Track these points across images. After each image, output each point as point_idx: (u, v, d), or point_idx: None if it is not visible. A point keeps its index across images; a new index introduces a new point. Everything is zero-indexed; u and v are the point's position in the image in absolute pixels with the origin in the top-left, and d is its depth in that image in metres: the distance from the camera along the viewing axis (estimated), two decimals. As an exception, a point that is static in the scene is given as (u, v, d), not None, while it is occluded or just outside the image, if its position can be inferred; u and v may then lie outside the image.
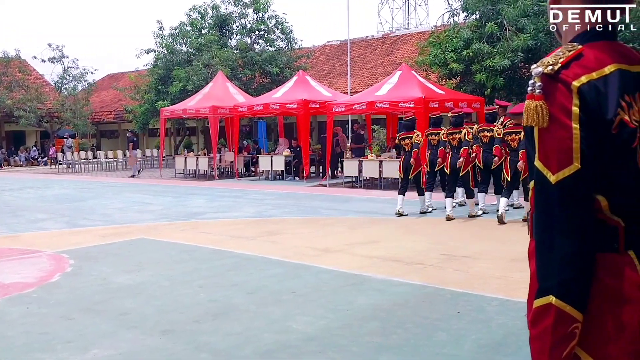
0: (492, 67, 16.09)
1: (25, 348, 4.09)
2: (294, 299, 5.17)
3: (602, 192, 1.38)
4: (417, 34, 27.68)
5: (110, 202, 13.04)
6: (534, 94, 1.37)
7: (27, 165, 31.70)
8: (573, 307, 1.33)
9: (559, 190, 1.34)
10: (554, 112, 1.35)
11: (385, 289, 5.42)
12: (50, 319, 4.72)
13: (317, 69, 28.23)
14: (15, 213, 11.50)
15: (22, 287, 5.80)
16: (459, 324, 4.39)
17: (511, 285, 5.35)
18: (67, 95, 31.85)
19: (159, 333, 4.35)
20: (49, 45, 38.31)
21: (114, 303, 5.16)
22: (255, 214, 9.56)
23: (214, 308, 4.94)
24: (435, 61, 17.48)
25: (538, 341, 1.37)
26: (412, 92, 14.73)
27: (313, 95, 17.62)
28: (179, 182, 18.66)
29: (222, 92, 20.09)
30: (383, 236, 7.89)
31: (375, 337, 4.16)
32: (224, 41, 25.66)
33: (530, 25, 15.81)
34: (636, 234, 1.41)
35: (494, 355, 3.79)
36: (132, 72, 32.79)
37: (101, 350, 4.02)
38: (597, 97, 1.34)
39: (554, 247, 1.35)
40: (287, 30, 26.03)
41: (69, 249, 7.48)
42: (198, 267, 6.42)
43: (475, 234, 8.12)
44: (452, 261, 6.49)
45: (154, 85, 25.84)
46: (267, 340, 4.13)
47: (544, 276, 1.37)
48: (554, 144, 1.35)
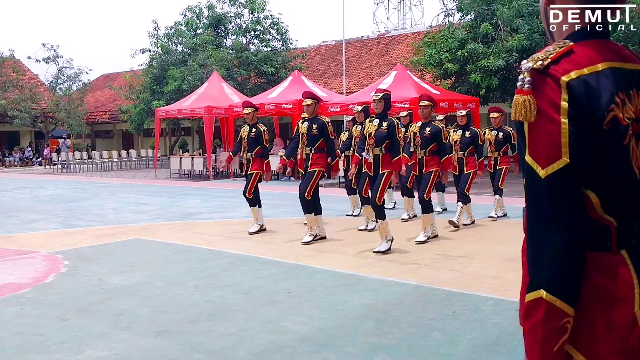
0: (486, 67, 16.14)
1: (19, 349, 4.07)
2: (289, 299, 5.17)
3: (594, 188, 1.38)
4: (413, 34, 27.72)
5: (105, 203, 13.00)
6: (523, 88, 1.38)
7: (22, 165, 31.58)
8: (563, 302, 1.34)
9: (548, 185, 1.35)
10: (542, 106, 1.35)
11: (380, 289, 5.42)
12: (44, 320, 4.70)
13: (312, 69, 28.24)
14: (9, 214, 11.45)
15: (17, 287, 5.78)
16: (454, 323, 4.39)
17: (506, 285, 5.36)
18: (61, 96, 31.73)
19: (154, 334, 4.34)
20: (43, 45, 38.15)
21: (109, 304, 5.15)
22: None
23: (208, 308, 4.94)
24: (430, 61, 17.52)
25: (530, 335, 1.38)
26: (407, 92, 14.76)
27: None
28: (174, 183, 18.63)
29: (218, 92, 20.08)
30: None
31: (370, 337, 4.16)
32: (219, 41, 25.64)
33: (524, 26, 15.87)
34: (629, 233, 1.41)
35: (488, 355, 3.80)
36: (127, 72, 32.72)
37: (96, 351, 4.00)
38: (588, 92, 1.35)
39: (544, 242, 1.35)
40: (283, 31, 26.03)
41: (64, 250, 7.45)
42: (193, 268, 6.41)
43: (470, 234, 8.13)
44: (447, 261, 6.50)
45: (149, 85, 25.79)
46: (262, 341, 4.13)
47: (534, 270, 1.38)
48: (543, 139, 1.35)
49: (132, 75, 29.00)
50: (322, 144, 7.68)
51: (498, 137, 9.22)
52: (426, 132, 7.78)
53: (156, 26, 26.25)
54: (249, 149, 8.51)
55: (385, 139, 6.90)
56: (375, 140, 6.92)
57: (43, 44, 41.06)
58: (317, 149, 7.64)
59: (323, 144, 7.69)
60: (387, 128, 6.87)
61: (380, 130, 6.91)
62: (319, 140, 7.65)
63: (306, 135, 7.65)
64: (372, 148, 6.93)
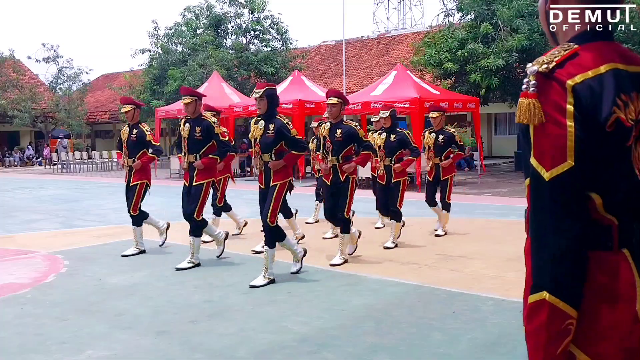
0: (486, 67, 16.14)
1: (20, 349, 4.07)
2: (289, 299, 5.17)
3: (597, 190, 1.39)
4: (412, 34, 27.73)
5: (105, 203, 13.00)
6: (528, 92, 1.38)
7: (22, 165, 31.58)
8: (566, 304, 1.35)
9: (553, 187, 1.35)
10: (548, 110, 1.36)
11: (381, 289, 5.42)
12: (44, 320, 4.70)
13: (312, 69, 28.24)
14: (10, 214, 11.45)
15: (17, 287, 5.78)
16: (454, 323, 4.39)
17: (506, 285, 5.36)
18: (61, 96, 31.76)
19: (154, 334, 4.34)
20: (43, 45, 38.15)
21: (109, 304, 5.15)
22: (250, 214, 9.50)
23: (208, 308, 4.94)
24: (430, 61, 17.53)
25: (533, 337, 1.38)
26: (407, 92, 14.76)
27: (308, 95, 17.63)
28: (174, 183, 18.62)
29: (218, 92, 20.06)
30: (378, 236, 7.89)
31: (371, 337, 4.16)
32: (219, 41, 25.64)
33: (524, 26, 15.88)
34: (630, 232, 1.42)
35: (489, 355, 3.80)
36: (127, 72, 32.72)
37: (96, 351, 4.00)
38: (592, 95, 1.35)
39: (547, 244, 1.36)
40: (283, 31, 26.02)
41: (64, 250, 7.45)
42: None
43: (471, 234, 8.12)
44: (448, 261, 6.50)
45: (149, 85, 25.79)
46: (262, 341, 4.13)
47: (537, 272, 1.38)
48: (549, 142, 1.36)
49: (132, 75, 29.02)
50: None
51: (438, 141, 7.86)
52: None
53: (156, 26, 26.30)
54: (130, 154, 7.09)
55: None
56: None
57: (43, 44, 41.11)
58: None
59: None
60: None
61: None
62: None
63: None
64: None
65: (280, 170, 5.73)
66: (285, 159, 5.73)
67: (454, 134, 8.00)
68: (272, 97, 5.78)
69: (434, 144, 7.94)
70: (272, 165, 5.69)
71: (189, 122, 6.44)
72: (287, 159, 5.74)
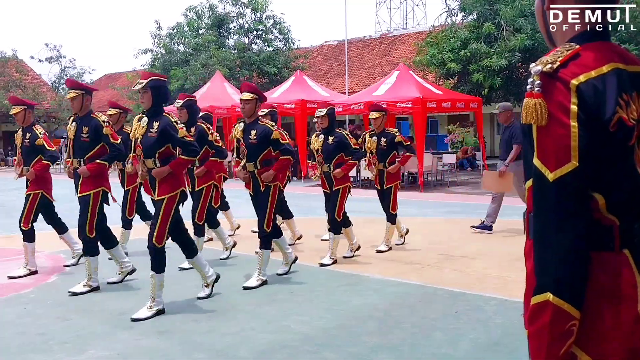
0: (489, 67, 16.12)
1: (22, 349, 4.07)
2: (291, 299, 5.17)
3: (600, 190, 1.38)
4: (415, 34, 27.73)
5: (108, 203, 12.98)
6: (533, 92, 1.38)
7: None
8: (570, 305, 1.34)
9: (557, 188, 1.35)
10: (552, 110, 1.35)
11: (383, 289, 5.41)
12: (46, 320, 4.71)
13: (314, 69, 28.24)
14: (10, 214, 11.47)
15: (19, 287, 5.79)
16: (457, 323, 4.39)
17: (509, 285, 5.35)
18: (64, 95, 31.76)
19: (156, 333, 4.34)
20: (46, 45, 38.31)
21: (111, 304, 5.15)
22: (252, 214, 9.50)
23: (210, 308, 4.93)
24: (432, 61, 17.52)
25: (536, 339, 1.38)
26: (410, 92, 14.73)
27: (311, 95, 17.61)
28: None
29: (220, 92, 20.07)
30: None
31: (372, 336, 4.15)
32: (221, 41, 25.65)
33: (527, 25, 15.87)
34: (631, 233, 1.41)
35: (491, 355, 3.79)
36: (130, 72, 32.74)
37: (97, 350, 4.01)
38: (596, 95, 1.35)
39: (551, 244, 1.35)
40: (285, 30, 26.03)
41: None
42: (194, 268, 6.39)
43: (473, 234, 8.12)
44: (450, 261, 6.49)
45: (151, 85, 25.78)
46: (263, 340, 4.12)
47: (541, 273, 1.37)
48: (553, 142, 1.35)
49: (134, 75, 29.01)
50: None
51: (380, 144, 7.00)
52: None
53: (159, 26, 26.30)
54: (25, 162, 6.35)
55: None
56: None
57: (46, 44, 41.35)
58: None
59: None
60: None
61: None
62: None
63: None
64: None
65: (166, 180, 4.78)
66: (171, 166, 4.76)
67: (396, 134, 7.03)
68: (158, 90, 4.80)
69: (376, 148, 7.03)
70: (156, 173, 4.74)
71: (76, 121, 5.52)
72: (174, 166, 4.78)
